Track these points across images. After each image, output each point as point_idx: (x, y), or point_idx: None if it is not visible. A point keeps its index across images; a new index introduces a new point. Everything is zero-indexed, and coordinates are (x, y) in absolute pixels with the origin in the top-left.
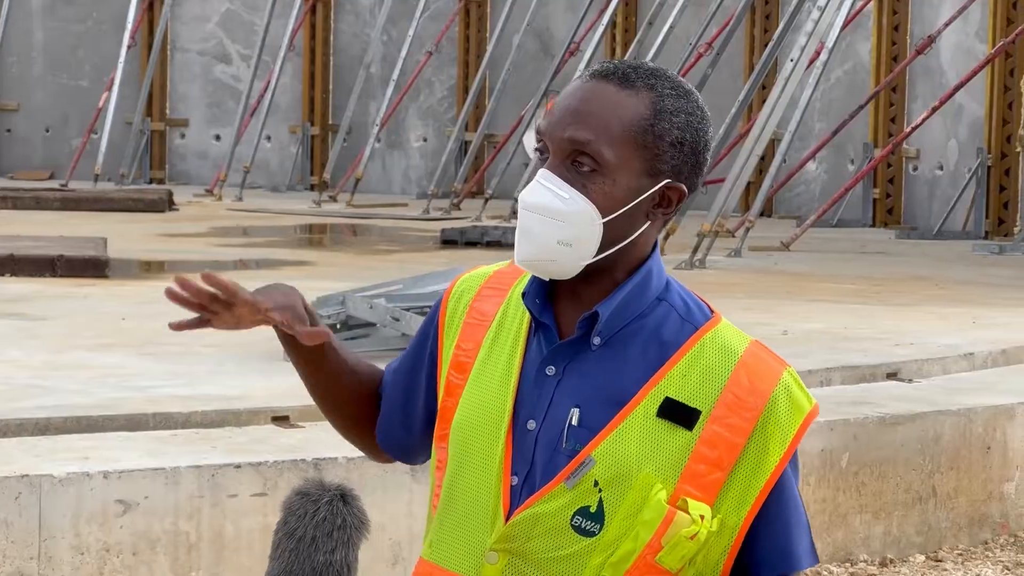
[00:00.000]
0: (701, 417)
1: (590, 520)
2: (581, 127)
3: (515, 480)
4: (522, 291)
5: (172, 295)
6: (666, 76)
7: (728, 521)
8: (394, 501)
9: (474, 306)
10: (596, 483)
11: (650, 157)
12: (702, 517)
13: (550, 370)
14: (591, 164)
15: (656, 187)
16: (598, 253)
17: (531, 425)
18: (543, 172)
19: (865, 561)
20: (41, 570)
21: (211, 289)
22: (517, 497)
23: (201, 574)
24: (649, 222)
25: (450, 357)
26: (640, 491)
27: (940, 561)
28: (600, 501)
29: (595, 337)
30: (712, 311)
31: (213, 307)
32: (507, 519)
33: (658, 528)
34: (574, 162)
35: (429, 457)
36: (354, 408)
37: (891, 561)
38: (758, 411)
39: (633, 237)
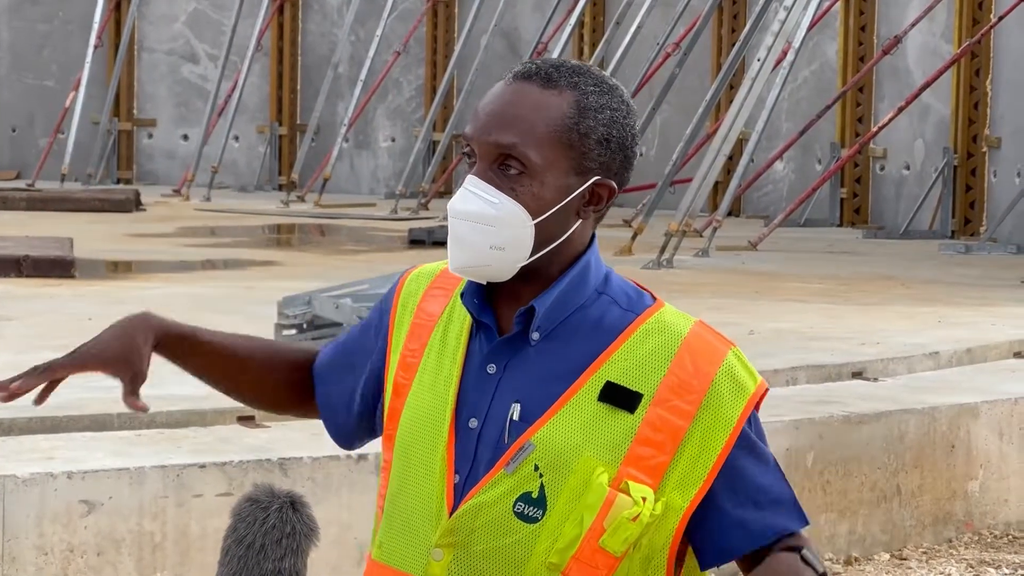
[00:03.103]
0: (644, 400)
1: (532, 506)
2: (505, 130)
3: (457, 478)
4: (461, 292)
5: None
6: (589, 73)
7: (673, 503)
8: (360, 501)
9: (421, 306)
10: (536, 468)
11: (577, 156)
12: (644, 499)
13: (491, 368)
14: (518, 167)
15: (585, 185)
16: (532, 254)
17: (473, 424)
18: (471, 178)
19: (830, 560)
20: (5, 571)
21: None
22: (459, 494)
23: (166, 574)
24: (581, 220)
25: (398, 357)
26: (581, 475)
27: (905, 559)
28: (541, 486)
29: (534, 332)
30: (655, 298)
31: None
32: (451, 515)
33: (600, 510)
34: (501, 166)
35: (360, 442)
36: (261, 392)
37: (856, 559)
38: (701, 393)
39: (566, 235)
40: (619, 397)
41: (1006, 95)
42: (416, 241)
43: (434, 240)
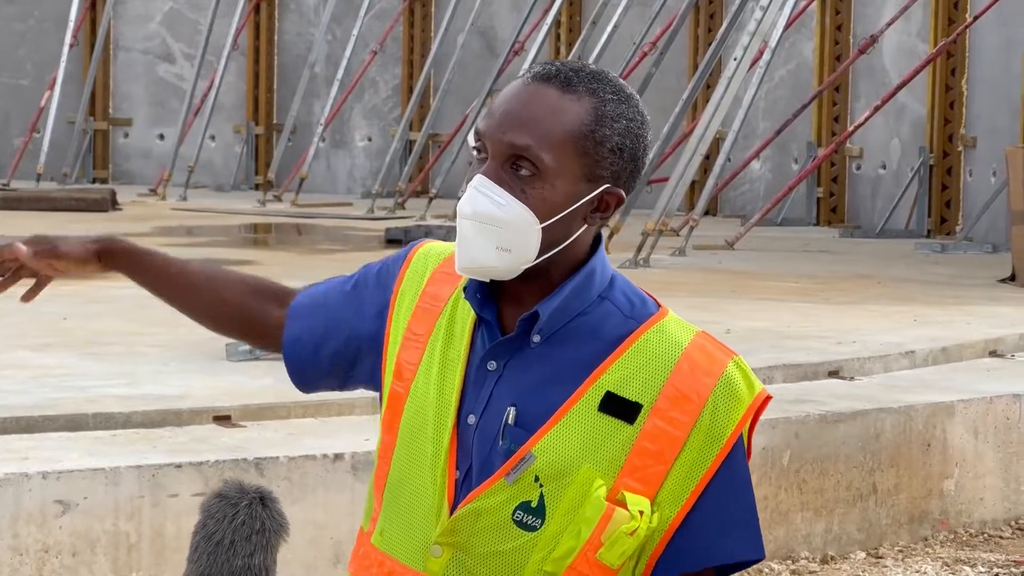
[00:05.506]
0: (643, 411)
1: (531, 515)
2: (521, 131)
3: (458, 475)
4: (464, 286)
5: None
6: (608, 80)
7: (664, 514)
8: (336, 500)
9: (426, 289)
10: (537, 478)
11: (590, 163)
12: (641, 513)
13: (491, 365)
14: (530, 169)
15: (595, 192)
16: (538, 256)
17: (471, 420)
18: (479, 178)
19: (806, 558)
20: None
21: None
22: (459, 491)
23: (141, 574)
24: (586, 225)
25: (400, 339)
26: (580, 486)
27: (881, 558)
28: (541, 496)
29: (535, 335)
30: (659, 306)
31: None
32: (451, 513)
33: (597, 525)
34: (512, 166)
35: (318, 389)
36: (216, 319)
37: (832, 558)
38: (700, 404)
39: (571, 240)
40: (619, 408)
41: (982, 94)
42: (393, 240)
43: (411, 239)
